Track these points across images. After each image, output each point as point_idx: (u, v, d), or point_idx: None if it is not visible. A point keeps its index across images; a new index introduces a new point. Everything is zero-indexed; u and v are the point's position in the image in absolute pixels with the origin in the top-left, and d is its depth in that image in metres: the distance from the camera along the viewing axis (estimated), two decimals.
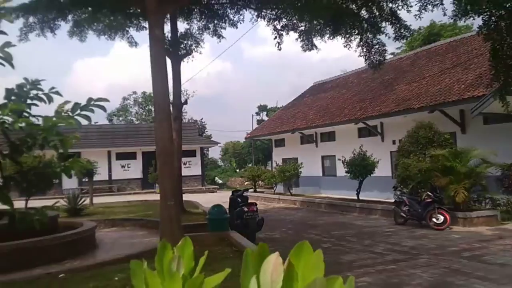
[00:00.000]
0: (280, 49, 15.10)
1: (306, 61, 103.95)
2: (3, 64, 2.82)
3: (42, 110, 3.00)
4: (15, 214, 2.72)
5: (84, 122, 3.10)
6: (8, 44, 2.77)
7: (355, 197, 16.28)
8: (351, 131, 20.43)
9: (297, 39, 14.44)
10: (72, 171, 2.96)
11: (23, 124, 2.75)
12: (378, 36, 13.38)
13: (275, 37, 14.65)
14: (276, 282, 0.85)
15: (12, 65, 2.84)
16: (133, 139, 31.76)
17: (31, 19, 12.64)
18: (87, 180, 20.95)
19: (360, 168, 15.69)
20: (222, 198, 18.82)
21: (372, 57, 13.74)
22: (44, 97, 3.05)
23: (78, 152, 24.60)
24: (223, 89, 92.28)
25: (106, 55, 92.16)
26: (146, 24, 14.58)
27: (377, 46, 13.59)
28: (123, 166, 31.26)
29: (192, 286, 1.09)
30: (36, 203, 2.99)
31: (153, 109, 43.67)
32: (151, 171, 28.09)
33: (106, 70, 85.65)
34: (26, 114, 2.87)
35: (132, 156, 31.45)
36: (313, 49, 14.63)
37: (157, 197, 21.77)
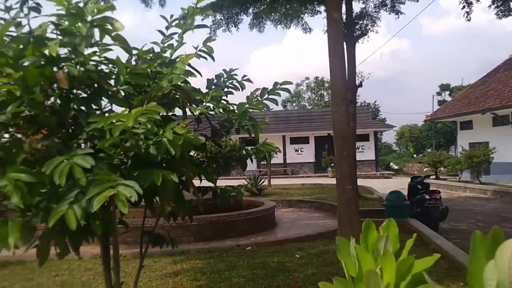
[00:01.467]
0: (469, 20, 13.44)
1: (499, 31, 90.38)
2: (205, 58, 3.14)
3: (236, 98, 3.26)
4: (217, 190, 3.05)
5: (272, 106, 3.26)
6: (209, 39, 3.06)
7: None
8: None
9: (490, 6, 12.61)
10: (262, 153, 3.16)
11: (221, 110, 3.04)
12: None
13: (463, 6, 13.10)
14: None
15: (213, 58, 3.14)
16: (305, 124, 32.73)
17: (217, 16, 14.03)
18: (265, 163, 22.52)
19: None
20: (399, 184, 17.94)
21: None
22: (238, 85, 3.31)
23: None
24: (399, 69, 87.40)
25: (280, 44, 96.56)
26: (321, 9, 14.72)
27: None
28: (296, 150, 32.54)
29: (403, 266, 1.06)
30: (220, 182, 3.29)
31: (325, 94, 43.60)
32: (324, 155, 28.51)
33: (281, 58, 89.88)
34: (224, 102, 3.16)
35: (305, 140, 32.46)
36: (510, 14, 12.58)
37: (329, 181, 22.19)
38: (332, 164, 22.50)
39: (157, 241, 3.38)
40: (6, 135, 2.59)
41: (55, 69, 2.38)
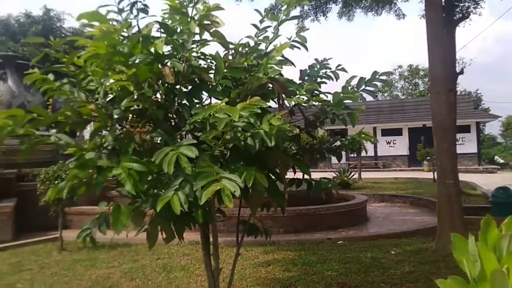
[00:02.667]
0: None
1: None
2: (298, 47, 3.13)
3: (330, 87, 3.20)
4: (311, 183, 3.03)
5: (368, 97, 3.16)
6: (302, 29, 3.05)
7: None
8: None
9: None
10: (358, 143, 3.08)
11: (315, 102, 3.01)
12: None
13: None
14: None
15: (306, 48, 3.12)
16: (398, 114, 31.21)
17: (305, 7, 13.91)
18: (355, 155, 21.95)
19: None
20: (505, 180, 16.38)
21: None
22: (332, 75, 3.25)
23: (345, 129, 25.87)
24: (504, 54, 79.31)
25: (368, 32, 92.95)
26: None
27: None
28: (388, 143, 31.19)
29: None
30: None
31: (420, 83, 41.15)
32: (419, 147, 26.98)
33: (371, 47, 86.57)
34: (317, 92, 3.12)
35: (398, 132, 30.97)
36: None
37: (425, 175, 20.99)
38: (429, 158, 21.17)
39: (252, 231, 3.47)
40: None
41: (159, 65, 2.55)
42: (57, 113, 2.30)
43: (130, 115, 2.82)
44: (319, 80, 3.19)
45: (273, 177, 2.78)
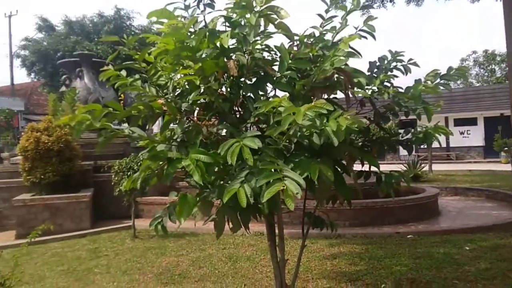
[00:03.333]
0: None
1: None
2: (365, 37, 3.02)
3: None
4: (381, 176, 2.94)
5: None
6: (371, 17, 2.94)
7: None
8: None
9: None
10: (433, 137, 2.94)
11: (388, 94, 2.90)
12: None
13: None
14: None
15: (374, 37, 3.01)
16: (473, 103, 29.26)
17: None
18: (425, 146, 20.96)
19: None
20: None
21: None
22: (402, 68, 3.11)
23: (414, 119, 24.73)
24: None
25: (434, 18, 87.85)
26: None
27: None
28: (462, 133, 29.40)
29: None
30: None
31: (496, 69, 38.35)
32: (497, 137, 25.17)
33: (439, 34, 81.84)
34: (388, 84, 3.01)
35: (472, 121, 29.10)
36: None
37: (503, 167, 19.53)
38: (507, 148, 19.71)
39: (318, 223, 3.44)
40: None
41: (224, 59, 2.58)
42: (130, 107, 2.42)
43: (197, 108, 2.90)
44: (389, 73, 3.08)
45: (339, 169, 2.73)
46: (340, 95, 2.78)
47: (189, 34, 2.44)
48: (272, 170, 2.13)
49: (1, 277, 3.50)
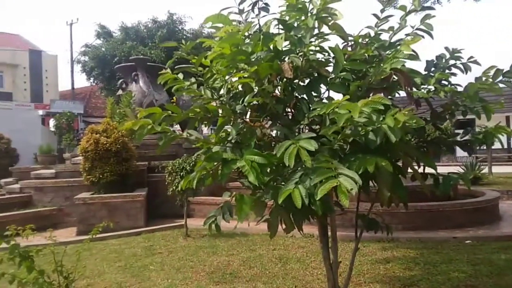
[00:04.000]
0: None
1: None
2: (422, 36, 2.94)
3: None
4: (438, 178, 2.84)
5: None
6: (428, 16, 2.86)
7: None
8: None
9: None
10: (493, 138, 2.81)
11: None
12: None
13: None
14: None
15: (431, 36, 2.92)
16: None
17: None
18: (484, 147, 19.91)
19: None
20: None
21: None
22: (461, 67, 3.00)
23: (472, 119, 23.52)
24: None
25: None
26: None
27: None
28: None
29: None
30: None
31: None
32: None
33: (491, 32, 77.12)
34: (445, 83, 2.91)
35: None
36: None
37: None
38: None
39: (372, 226, 3.38)
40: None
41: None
42: (188, 110, 2.51)
43: (250, 110, 2.95)
44: (447, 71, 2.97)
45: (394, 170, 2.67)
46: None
47: (244, 38, 2.49)
48: (326, 168, 2.13)
49: (66, 271, 3.71)
